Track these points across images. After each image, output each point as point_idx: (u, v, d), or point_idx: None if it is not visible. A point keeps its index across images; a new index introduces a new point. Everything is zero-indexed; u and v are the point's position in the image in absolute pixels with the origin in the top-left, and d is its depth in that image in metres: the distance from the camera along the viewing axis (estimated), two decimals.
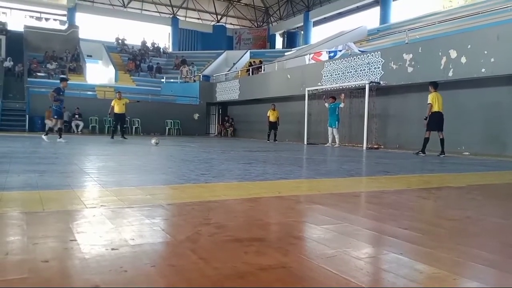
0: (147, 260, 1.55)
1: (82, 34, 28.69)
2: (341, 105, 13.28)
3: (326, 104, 13.83)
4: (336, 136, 13.57)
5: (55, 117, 11.72)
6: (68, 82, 20.43)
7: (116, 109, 14.06)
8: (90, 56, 28.28)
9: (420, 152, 9.30)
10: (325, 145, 13.77)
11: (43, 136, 11.32)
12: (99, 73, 28.76)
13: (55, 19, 30.47)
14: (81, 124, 19.20)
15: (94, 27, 31.94)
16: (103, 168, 5.21)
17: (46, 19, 30.16)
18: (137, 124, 20.61)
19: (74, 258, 1.55)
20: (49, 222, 2.17)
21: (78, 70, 25.05)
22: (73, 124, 19.12)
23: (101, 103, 19.27)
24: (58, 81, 12.79)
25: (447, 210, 3.00)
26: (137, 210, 2.47)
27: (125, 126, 15.29)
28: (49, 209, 2.43)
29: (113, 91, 18.26)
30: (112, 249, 1.67)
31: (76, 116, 19.18)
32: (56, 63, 24.27)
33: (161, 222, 2.25)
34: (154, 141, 10.93)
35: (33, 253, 1.60)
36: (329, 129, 13.77)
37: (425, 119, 9.31)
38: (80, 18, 30.97)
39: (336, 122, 13.54)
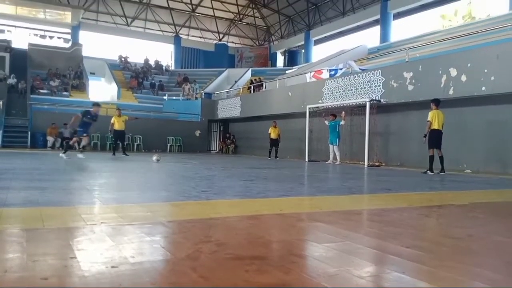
0: (147, 278, 1.54)
1: (85, 52, 28.98)
2: (342, 122, 13.32)
3: (326, 122, 13.85)
4: (337, 154, 13.58)
5: (78, 136, 11.85)
6: (71, 99, 20.43)
7: (116, 126, 14.12)
8: (93, 73, 28.50)
9: (428, 171, 9.24)
10: (326, 162, 13.79)
11: (61, 154, 11.23)
12: (101, 90, 28.95)
13: (59, 37, 30.80)
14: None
15: (97, 45, 32.31)
16: (104, 184, 5.20)
17: (50, 37, 30.49)
18: (138, 141, 20.64)
19: (74, 276, 1.54)
20: (49, 239, 2.15)
21: (81, 87, 25.21)
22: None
23: (103, 120, 19.32)
24: (61, 98, 12.86)
25: (449, 228, 2.98)
26: (138, 228, 2.46)
27: (126, 143, 15.32)
28: (49, 226, 2.42)
29: (115, 109, 18.35)
30: (112, 266, 1.65)
31: None
32: (59, 80, 24.44)
33: (161, 239, 2.24)
34: (155, 158, 10.82)
35: (33, 270, 1.59)
36: (330, 146, 13.82)
37: (424, 136, 9.31)
38: (84, 36, 31.34)
39: (337, 140, 13.58)
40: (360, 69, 14.92)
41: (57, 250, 1.94)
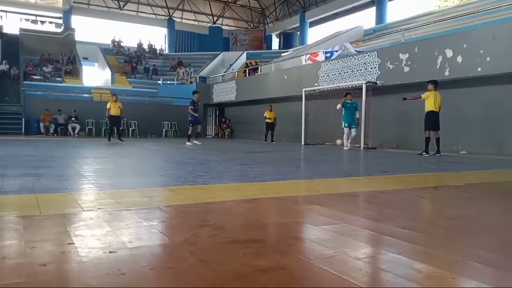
0: (145, 263, 1.55)
1: (78, 37, 28.63)
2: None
3: (339, 106, 12.06)
4: (350, 138, 11.98)
5: (190, 124, 12.93)
6: (64, 85, 20.35)
7: (112, 112, 14.02)
8: (86, 58, 28.21)
9: (423, 153, 9.29)
10: (345, 148, 11.89)
11: (187, 143, 12.46)
12: (95, 76, 28.71)
13: (50, 22, 30.39)
14: (78, 126, 19.16)
15: (90, 30, 31.95)
16: (100, 170, 5.19)
17: (42, 22, 30.09)
18: (133, 126, 20.57)
19: (72, 262, 1.55)
20: (46, 226, 2.16)
21: (74, 72, 24.98)
22: (69, 127, 19.08)
23: (97, 105, 19.26)
24: (54, 83, 12.82)
25: (444, 209, 3.01)
26: (135, 213, 2.46)
27: (121, 128, 15.25)
28: (46, 213, 2.42)
29: (109, 94, 18.24)
30: (110, 252, 1.66)
31: (73, 118, 19.15)
32: (52, 66, 24.19)
33: (158, 224, 2.25)
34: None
35: (31, 257, 1.59)
36: (346, 130, 11.90)
37: (402, 99, 10.06)
38: (76, 20, 30.93)
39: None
40: (356, 51, 14.84)
41: (54, 236, 1.94)
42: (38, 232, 1.99)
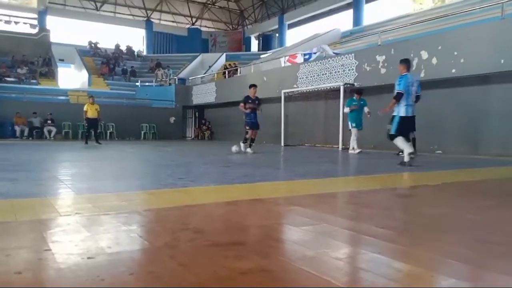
0: (125, 268, 1.52)
1: (53, 38, 28.05)
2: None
3: (347, 110, 10.77)
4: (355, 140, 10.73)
5: (246, 127, 10.18)
6: (39, 87, 19.74)
7: (89, 114, 13.77)
8: (62, 60, 27.68)
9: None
10: (355, 152, 10.43)
11: (242, 145, 10.02)
12: (71, 78, 28.19)
13: (25, 23, 29.70)
14: (54, 130, 18.75)
15: (66, 31, 31.29)
16: (77, 174, 5.10)
17: (16, 23, 29.37)
18: (111, 129, 20.28)
19: (49, 269, 1.51)
20: (22, 232, 2.10)
21: (50, 74, 24.46)
22: (45, 130, 18.67)
23: (74, 108, 18.87)
24: (29, 86, 12.24)
25: (422, 208, 3.06)
26: (113, 217, 2.43)
27: (98, 131, 15.01)
28: (21, 219, 2.36)
29: (86, 96, 17.92)
30: (88, 258, 1.63)
31: (49, 121, 18.74)
32: (27, 67, 23.66)
33: (138, 228, 2.22)
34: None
35: (6, 265, 1.55)
36: (354, 130, 10.62)
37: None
38: (52, 21, 30.27)
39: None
40: (334, 53, 14.99)
41: (30, 243, 1.90)
42: (13, 239, 1.94)
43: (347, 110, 10.73)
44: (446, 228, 2.37)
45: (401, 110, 6.54)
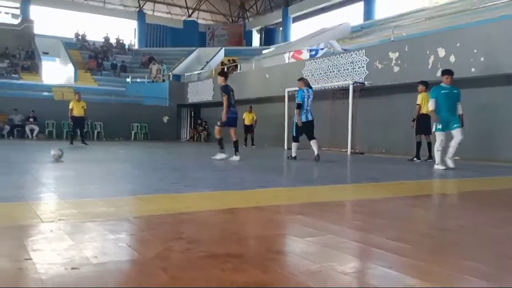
0: (112, 280, 1.52)
1: (37, 29, 28.11)
2: None
3: (431, 105, 7.81)
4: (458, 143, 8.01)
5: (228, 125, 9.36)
6: (21, 82, 19.68)
7: (75, 112, 13.75)
8: (47, 53, 27.75)
9: (414, 158, 9.41)
10: (441, 167, 7.27)
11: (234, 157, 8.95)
12: (56, 72, 28.25)
13: (6, 12, 29.75)
14: (36, 128, 18.76)
15: (51, 22, 31.37)
16: (61, 177, 5.10)
17: None
18: (99, 128, 20.30)
19: (29, 280, 1.51)
20: (0, 239, 2.10)
21: (33, 68, 24.51)
22: (27, 129, 18.68)
23: (58, 105, 18.89)
24: (10, 80, 12.19)
25: (438, 219, 3.05)
26: (100, 225, 2.43)
27: (85, 130, 15.00)
28: (0, 225, 2.36)
29: (72, 92, 17.93)
30: (72, 268, 1.63)
31: (31, 119, 18.75)
32: (8, 61, 23.70)
33: (127, 237, 2.22)
34: (53, 152, 7.07)
35: None
36: (440, 134, 7.73)
37: (413, 120, 9.46)
38: (36, 11, 30.34)
39: None
40: (342, 49, 15.01)
41: (9, 251, 1.89)
42: None
43: (431, 105, 7.76)
44: (464, 242, 2.36)
45: None
